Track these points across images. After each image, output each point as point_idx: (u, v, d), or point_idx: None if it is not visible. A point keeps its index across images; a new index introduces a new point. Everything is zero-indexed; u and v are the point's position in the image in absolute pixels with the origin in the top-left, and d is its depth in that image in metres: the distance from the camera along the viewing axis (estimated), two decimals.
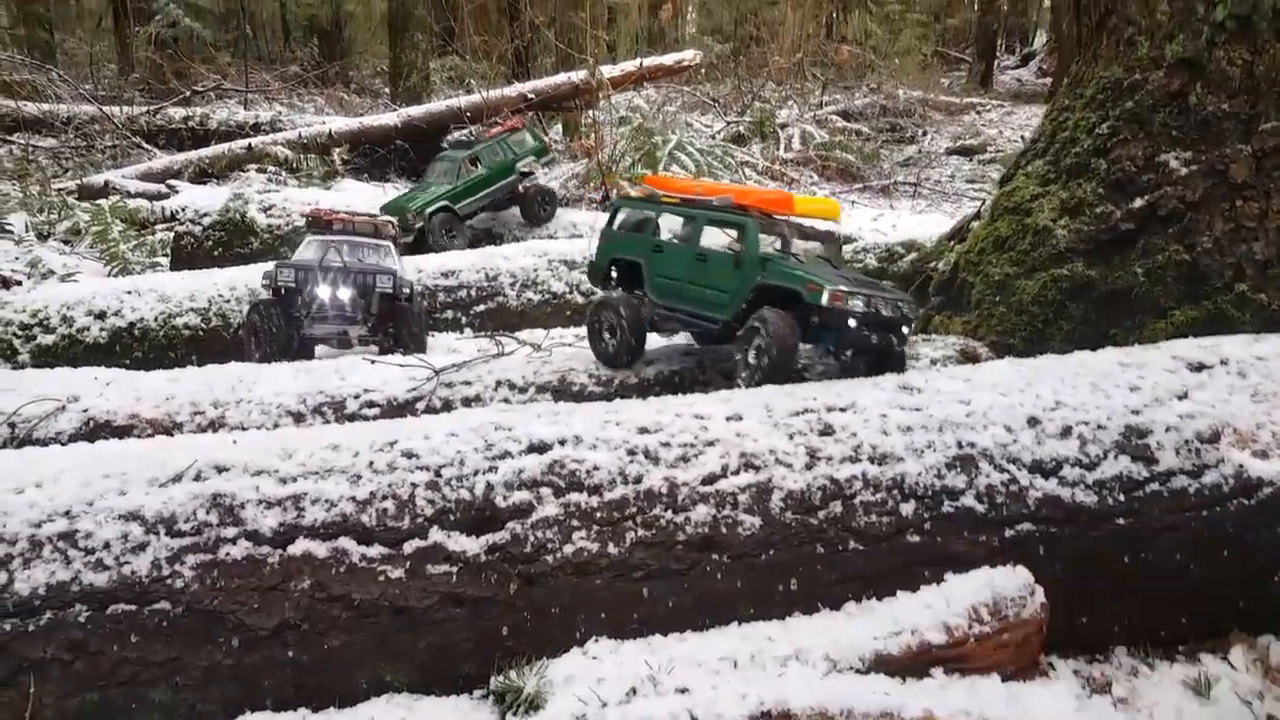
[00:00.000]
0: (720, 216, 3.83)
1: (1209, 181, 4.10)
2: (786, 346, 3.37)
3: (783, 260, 3.64)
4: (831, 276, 3.52)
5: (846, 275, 3.76)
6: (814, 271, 3.53)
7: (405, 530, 2.55)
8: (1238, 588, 2.80)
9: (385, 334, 4.89)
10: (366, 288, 4.82)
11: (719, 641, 2.54)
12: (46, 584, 2.37)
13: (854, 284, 3.53)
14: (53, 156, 13.36)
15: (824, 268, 3.75)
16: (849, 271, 4.01)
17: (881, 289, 3.71)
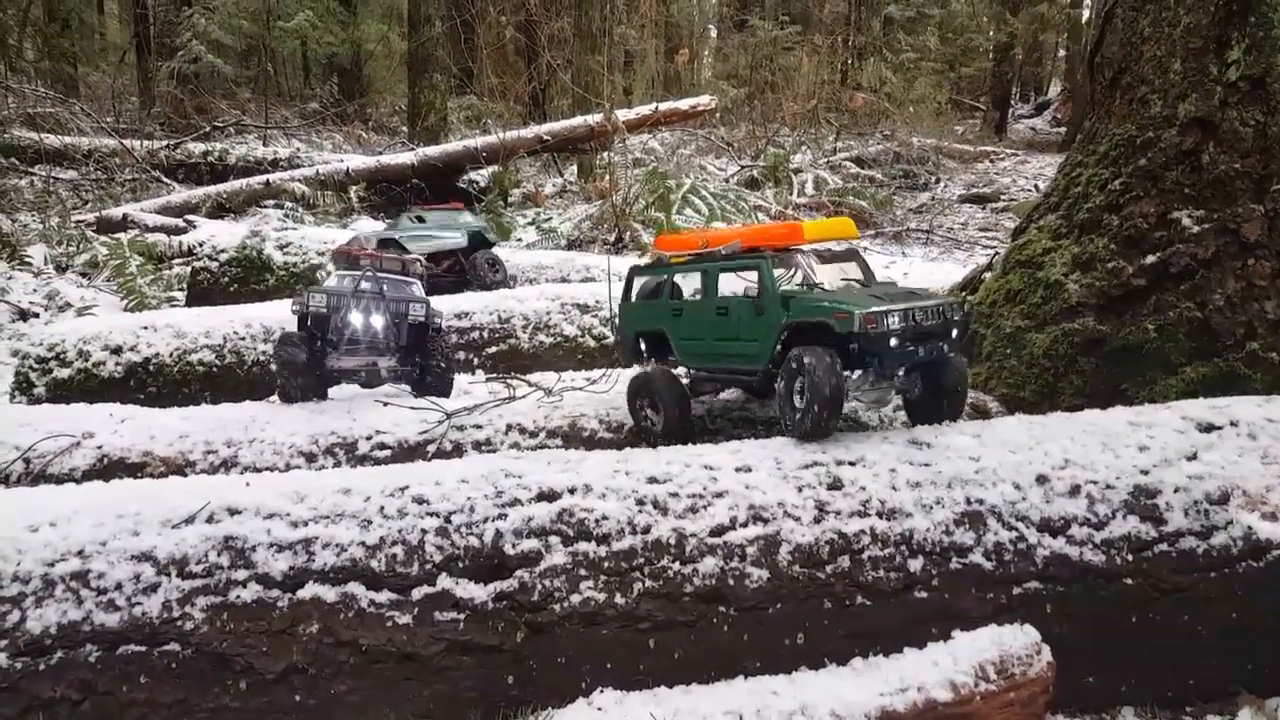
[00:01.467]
0: (732, 264, 3.72)
1: (1221, 240, 4.13)
2: (830, 385, 3.10)
3: (806, 294, 3.46)
4: (861, 298, 3.31)
5: (879, 291, 3.53)
6: (842, 298, 3.33)
7: (414, 576, 2.57)
8: (1246, 649, 2.79)
9: (414, 367, 4.74)
10: (399, 315, 4.71)
11: (725, 695, 2.54)
12: (58, 623, 2.40)
13: (888, 299, 3.31)
14: (73, 189, 13.59)
15: (853, 290, 3.56)
16: (882, 286, 3.73)
17: (920, 296, 3.49)
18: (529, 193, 14.48)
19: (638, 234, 10.60)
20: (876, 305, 3.20)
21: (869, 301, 3.25)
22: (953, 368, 3.52)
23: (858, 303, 3.22)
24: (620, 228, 10.73)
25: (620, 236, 10.72)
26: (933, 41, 22.32)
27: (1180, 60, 4.35)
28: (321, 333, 4.60)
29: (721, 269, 3.79)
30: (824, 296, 3.41)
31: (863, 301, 3.24)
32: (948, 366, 3.51)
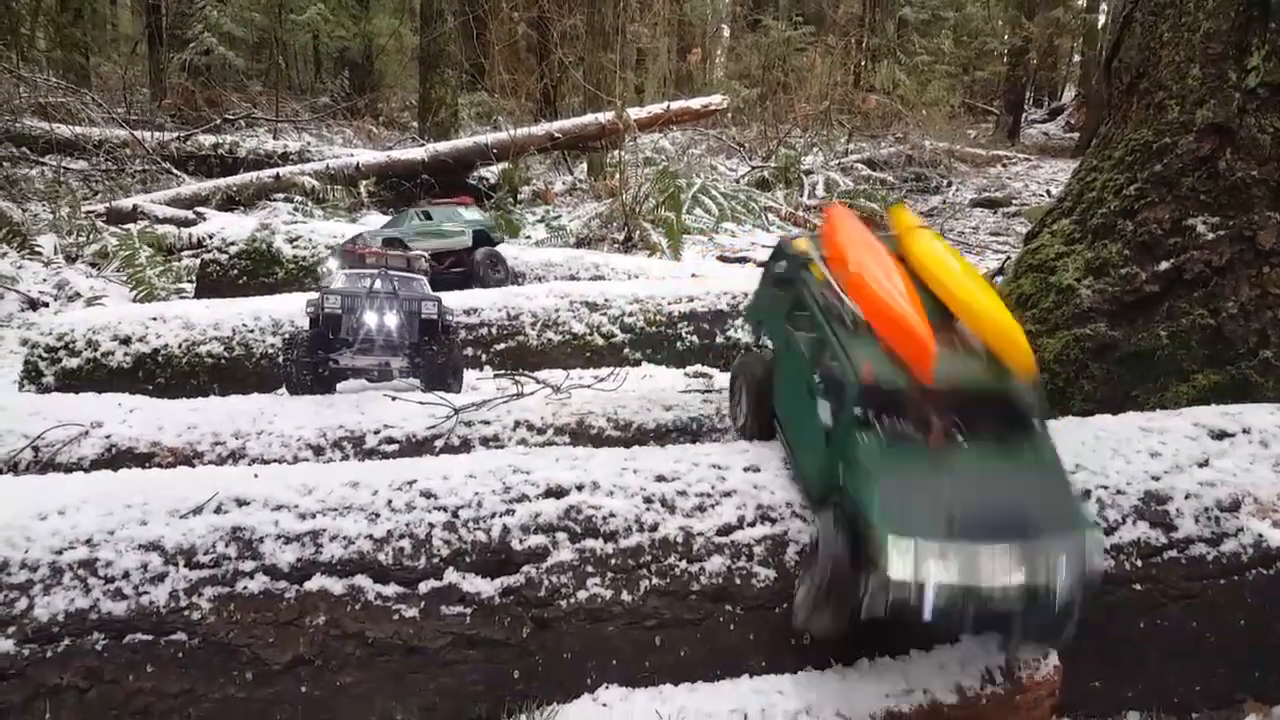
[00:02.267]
0: (832, 347, 2.49)
1: (1236, 247, 4.11)
2: (833, 579, 2.26)
3: (883, 456, 2.26)
4: (940, 518, 2.12)
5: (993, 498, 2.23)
6: (911, 508, 2.14)
7: (421, 570, 2.57)
8: (1253, 656, 2.77)
9: (425, 364, 4.76)
10: (412, 314, 4.72)
11: (730, 693, 2.53)
12: (65, 611, 2.40)
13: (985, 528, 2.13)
14: (83, 179, 13.64)
15: (950, 489, 2.20)
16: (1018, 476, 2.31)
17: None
18: (539, 190, 14.49)
19: (647, 233, 10.59)
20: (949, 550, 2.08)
21: (942, 529, 2.11)
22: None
23: (923, 528, 2.10)
24: (630, 226, 10.72)
25: (630, 235, 10.71)
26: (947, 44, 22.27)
27: (1199, 66, 4.32)
28: (334, 332, 4.62)
29: (820, 344, 2.61)
30: (893, 491, 2.18)
31: (936, 527, 2.11)
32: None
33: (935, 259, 2.63)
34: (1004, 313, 2.40)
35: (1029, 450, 2.33)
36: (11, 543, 2.48)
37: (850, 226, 2.78)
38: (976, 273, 2.59)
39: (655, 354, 6.01)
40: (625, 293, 6.23)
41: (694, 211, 11.58)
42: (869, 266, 2.53)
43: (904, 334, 2.33)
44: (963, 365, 2.37)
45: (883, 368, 2.33)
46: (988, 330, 2.40)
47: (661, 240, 10.38)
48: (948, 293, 2.52)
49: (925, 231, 2.80)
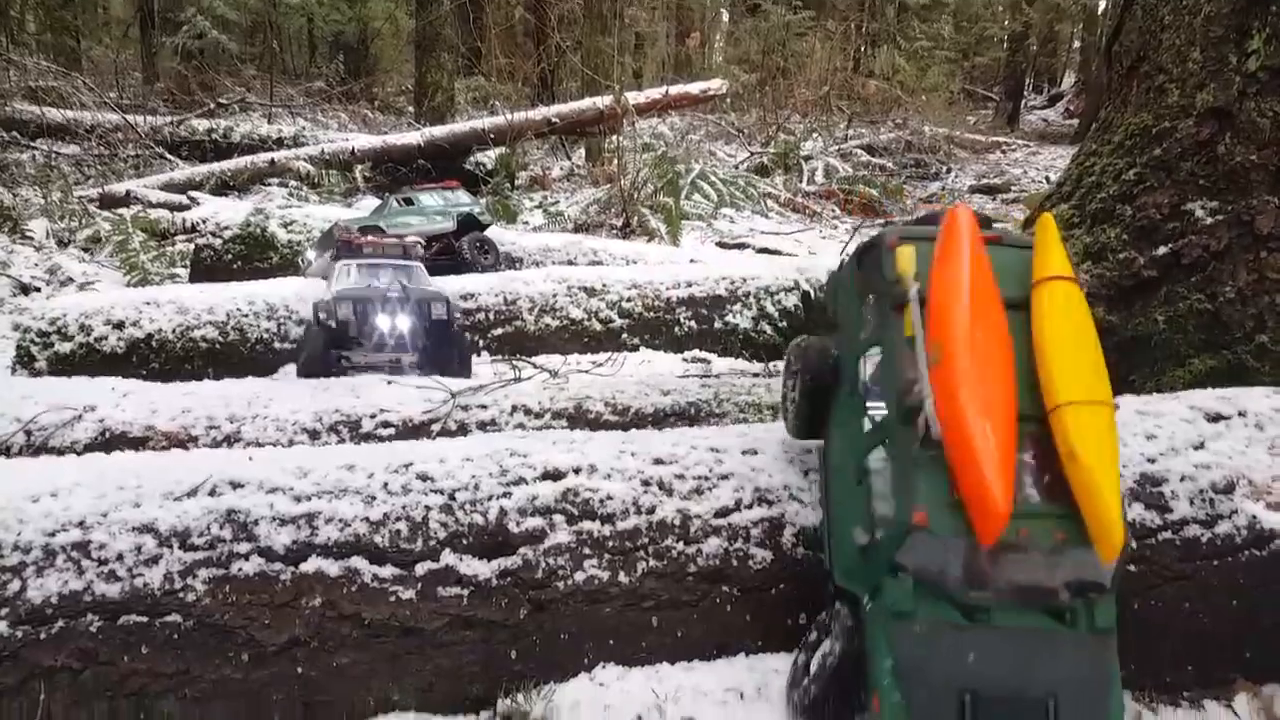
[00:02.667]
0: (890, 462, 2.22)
1: (1234, 232, 4.10)
2: (832, 690, 2.26)
3: (912, 610, 2.09)
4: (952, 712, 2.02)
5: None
6: (923, 697, 2.04)
7: (418, 552, 2.56)
8: (1245, 637, 2.78)
9: (435, 359, 4.87)
10: (423, 315, 4.82)
11: (726, 672, 2.54)
12: (59, 593, 2.39)
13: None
14: (75, 164, 13.55)
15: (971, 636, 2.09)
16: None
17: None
18: (536, 176, 14.44)
19: (645, 219, 10.56)
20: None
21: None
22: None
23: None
24: (628, 212, 10.69)
25: (628, 221, 10.68)
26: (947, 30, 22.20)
27: (1199, 49, 4.30)
28: (347, 334, 4.70)
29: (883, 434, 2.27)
30: (934, 628, 2.09)
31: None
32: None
33: (1059, 350, 2.15)
34: (1110, 477, 2.02)
35: (1084, 616, 2.15)
36: (4, 525, 2.47)
37: (966, 255, 2.22)
38: (1104, 384, 2.16)
39: (653, 339, 5.99)
40: (623, 278, 6.22)
41: (692, 197, 11.55)
42: (964, 358, 2.07)
43: (977, 490, 1.98)
44: (1040, 519, 2.06)
45: (940, 514, 2.04)
46: (1082, 490, 2.03)
47: (660, 226, 10.35)
48: (1054, 405, 2.10)
49: (1063, 292, 2.25)
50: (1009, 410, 2.07)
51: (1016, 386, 2.12)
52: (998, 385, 2.08)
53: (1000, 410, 2.05)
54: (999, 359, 2.13)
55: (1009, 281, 2.29)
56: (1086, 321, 2.25)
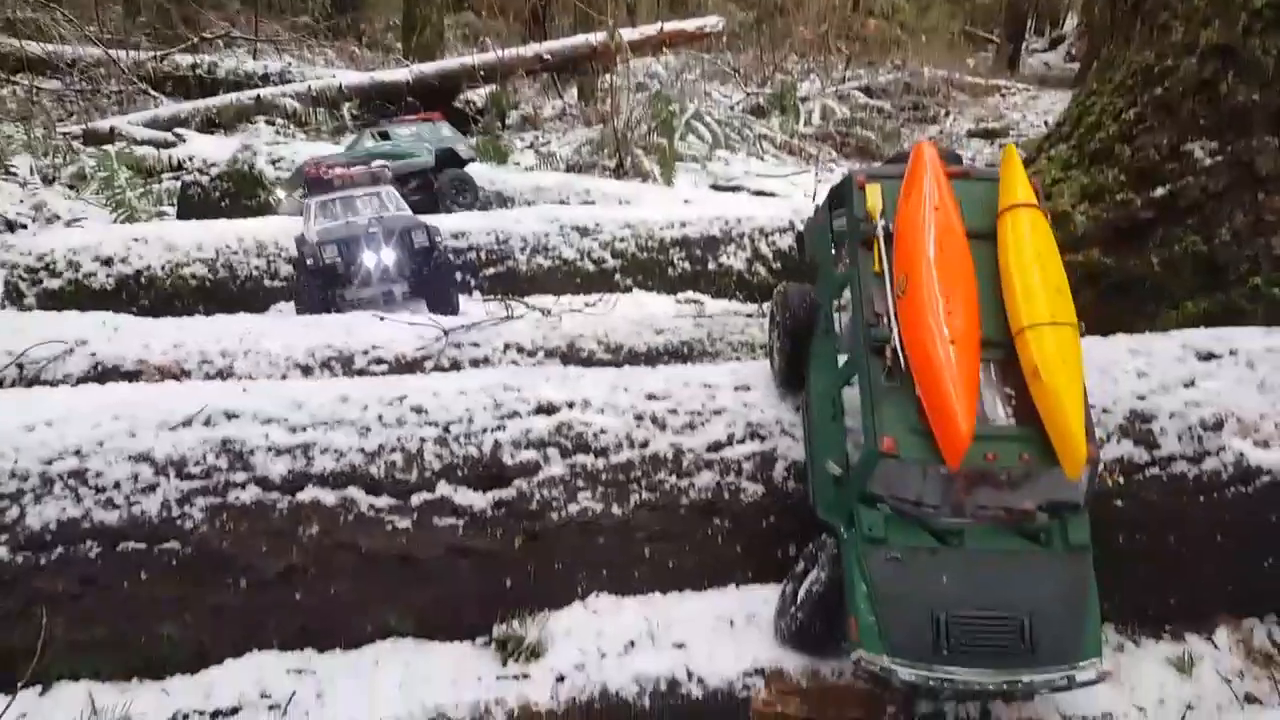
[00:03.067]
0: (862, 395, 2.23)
1: (1233, 173, 4.07)
2: (817, 614, 2.31)
3: (886, 535, 2.16)
4: (928, 635, 2.07)
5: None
6: (898, 617, 2.09)
7: (413, 483, 2.58)
8: (1228, 572, 2.83)
9: (425, 286, 4.93)
10: (407, 245, 4.87)
11: (718, 601, 2.59)
12: (58, 520, 2.41)
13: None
14: (57, 100, 13.26)
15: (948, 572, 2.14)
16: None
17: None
18: (528, 115, 14.22)
19: (639, 160, 10.44)
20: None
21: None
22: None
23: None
24: (621, 153, 10.56)
25: (621, 162, 10.56)
26: None
27: None
28: (333, 274, 4.77)
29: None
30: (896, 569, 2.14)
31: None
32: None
33: (1024, 275, 2.22)
34: (1073, 395, 2.07)
35: (1058, 536, 2.20)
36: (0, 453, 2.48)
37: (932, 188, 2.34)
38: (1068, 306, 2.21)
39: (647, 280, 5.97)
40: (617, 218, 6.16)
41: (687, 139, 11.40)
42: (930, 290, 2.15)
43: (942, 414, 2.06)
44: (1007, 440, 2.12)
45: (907, 440, 2.10)
46: (1047, 408, 2.09)
47: (654, 167, 10.23)
48: (1019, 329, 2.17)
49: (1028, 217, 2.33)
50: (973, 337, 2.15)
51: (982, 313, 2.21)
52: (962, 313, 2.16)
53: (964, 337, 2.13)
54: (963, 288, 2.21)
55: (977, 212, 2.39)
56: (1050, 246, 2.33)
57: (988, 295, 2.25)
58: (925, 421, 2.10)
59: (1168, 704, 2.62)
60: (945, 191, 2.36)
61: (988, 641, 2.08)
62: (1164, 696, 2.64)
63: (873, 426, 2.14)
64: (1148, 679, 2.68)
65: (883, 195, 2.40)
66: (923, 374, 2.12)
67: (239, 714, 2.31)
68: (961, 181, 2.44)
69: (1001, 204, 2.40)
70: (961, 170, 2.50)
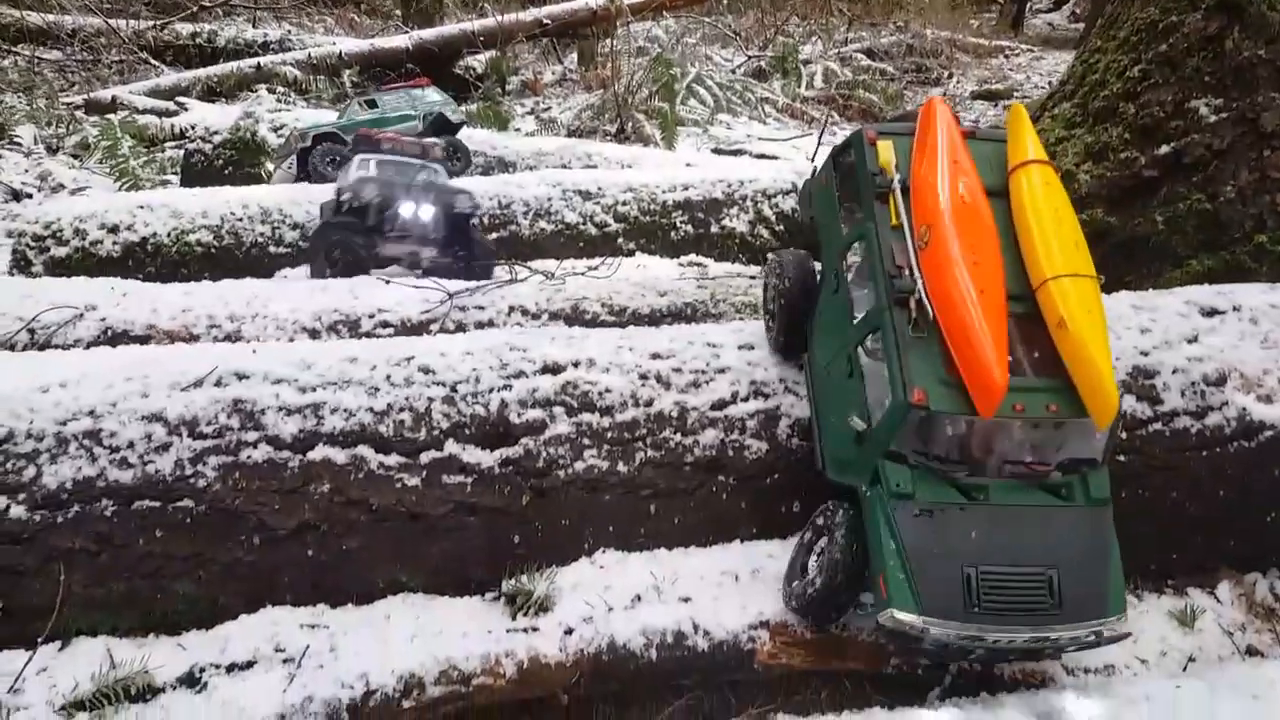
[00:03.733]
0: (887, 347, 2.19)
1: (1238, 130, 4.06)
2: (836, 589, 2.26)
3: (912, 490, 2.13)
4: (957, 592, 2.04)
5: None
6: (927, 574, 2.06)
7: (422, 441, 2.62)
8: (1230, 527, 2.86)
9: (454, 256, 4.87)
10: (447, 208, 4.78)
11: (721, 557, 2.63)
12: (73, 479, 2.45)
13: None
14: (58, 70, 13.17)
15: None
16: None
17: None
18: (527, 80, 14.11)
19: (640, 125, 10.37)
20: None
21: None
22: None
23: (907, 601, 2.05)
24: (622, 118, 10.49)
25: (622, 127, 10.49)
26: None
27: None
28: (369, 220, 4.65)
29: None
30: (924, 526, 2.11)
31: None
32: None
33: (1042, 227, 2.22)
34: (1100, 341, 2.07)
35: (1079, 491, 2.21)
36: (15, 414, 2.51)
37: (948, 141, 2.32)
38: (1086, 259, 2.19)
39: (649, 244, 5.96)
40: (619, 181, 6.14)
41: (688, 103, 11.32)
42: (952, 241, 2.13)
43: (973, 362, 2.04)
44: (1035, 392, 2.10)
45: (937, 391, 2.07)
46: (1073, 357, 2.09)
47: (655, 132, 10.17)
48: (1041, 281, 2.16)
49: (1040, 174, 2.33)
50: (999, 289, 2.14)
51: (1003, 267, 2.19)
52: (987, 265, 2.15)
53: (991, 288, 2.12)
54: (986, 240, 2.19)
55: (986, 171, 2.38)
56: (1064, 200, 2.31)
57: (1006, 251, 2.23)
58: (954, 373, 2.08)
59: (1170, 656, 2.66)
60: (962, 145, 2.35)
61: (1017, 598, 2.06)
62: (1166, 649, 2.68)
63: (901, 378, 2.08)
64: (1150, 632, 2.71)
65: (895, 150, 2.38)
66: (951, 323, 2.09)
67: (254, 667, 2.35)
68: (971, 142, 2.43)
69: (1012, 161, 2.39)
70: (969, 130, 2.49)
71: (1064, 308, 2.09)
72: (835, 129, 11.49)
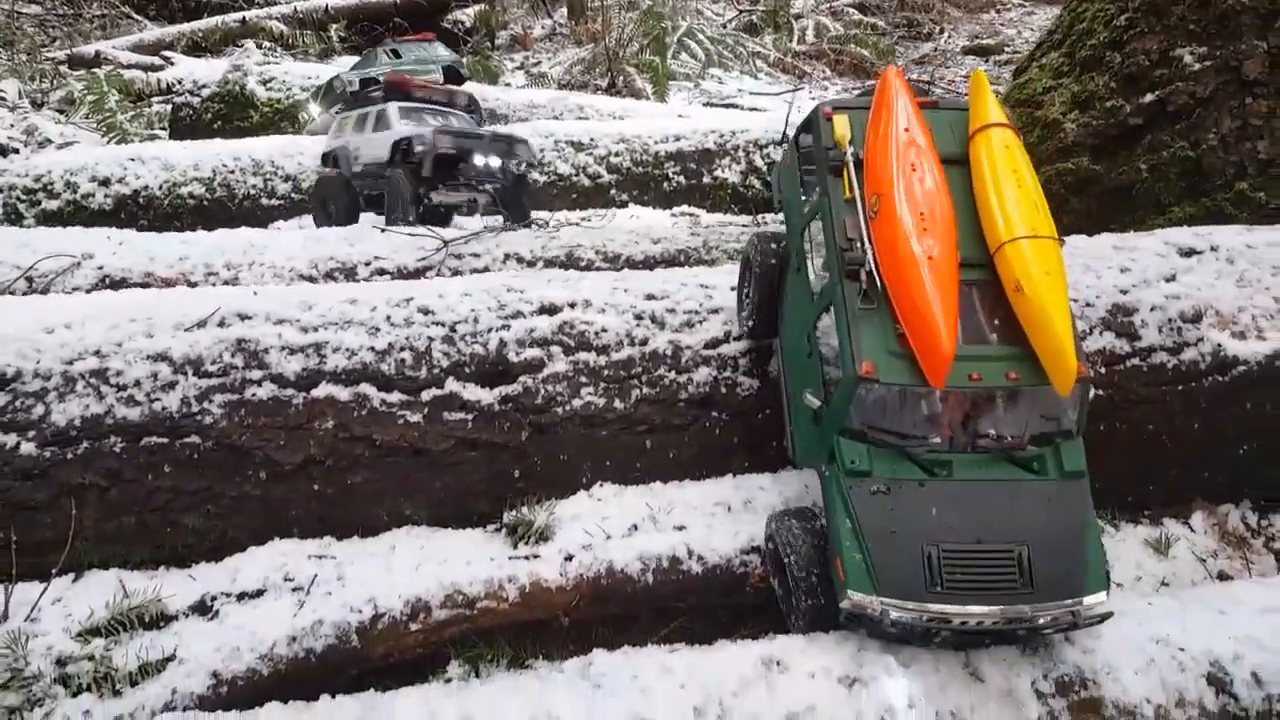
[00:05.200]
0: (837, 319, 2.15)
1: (1221, 78, 4.10)
2: (808, 568, 2.16)
3: (870, 466, 2.07)
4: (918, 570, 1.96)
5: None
6: (886, 554, 1.98)
7: (423, 379, 2.68)
8: (1204, 459, 2.95)
9: (509, 200, 4.99)
10: (510, 155, 4.93)
11: (714, 489, 2.72)
12: (81, 416, 2.51)
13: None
14: (39, 24, 12.98)
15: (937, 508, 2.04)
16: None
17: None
18: (517, 35, 13.97)
19: (631, 79, 10.32)
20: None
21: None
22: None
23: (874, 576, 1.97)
24: (613, 72, 10.43)
25: (613, 82, 10.44)
26: None
27: None
28: (438, 169, 4.78)
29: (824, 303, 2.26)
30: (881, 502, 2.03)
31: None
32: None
33: (999, 192, 2.18)
34: (1059, 306, 2.01)
35: (1051, 463, 2.11)
36: (22, 354, 2.56)
37: (901, 112, 2.28)
38: (1047, 221, 2.15)
39: (642, 195, 6.01)
40: (611, 132, 6.17)
41: (679, 57, 11.27)
42: (902, 208, 2.09)
43: (922, 331, 1.99)
44: (991, 360, 2.04)
45: (887, 363, 2.01)
46: (1031, 322, 2.03)
47: (646, 86, 10.14)
48: (998, 245, 2.11)
49: (1000, 137, 2.29)
50: (951, 256, 2.07)
51: (959, 235, 2.13)
52: (939, 231, 2.09)
53: (942, 255, 2.05)
54: (939, 207, 2.13)
55: (948, 140, 2.34)
56: (1025, 162, 2.25)
57: (965, 219, 2.19)
58: (905, 345, 2.03)
59: (1144, 580, 2.78)
60: (915, 115, 2.30)
61: (983, 576, 1.95)
62: (1141, 574, 2.80)
63: (850, 351, 2.03)
64: (1126, 559, 2.82)
65: (850, 125, 2.35)
66: (899, 293, 2.04)
67: (264, 595, 2.44)
68: (932, 112, 2.39)
69: (972, 127, 2.35)
70: (931, 101, 2.46)
71: (1020, 271, 2.03)
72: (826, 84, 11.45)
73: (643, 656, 2.17)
